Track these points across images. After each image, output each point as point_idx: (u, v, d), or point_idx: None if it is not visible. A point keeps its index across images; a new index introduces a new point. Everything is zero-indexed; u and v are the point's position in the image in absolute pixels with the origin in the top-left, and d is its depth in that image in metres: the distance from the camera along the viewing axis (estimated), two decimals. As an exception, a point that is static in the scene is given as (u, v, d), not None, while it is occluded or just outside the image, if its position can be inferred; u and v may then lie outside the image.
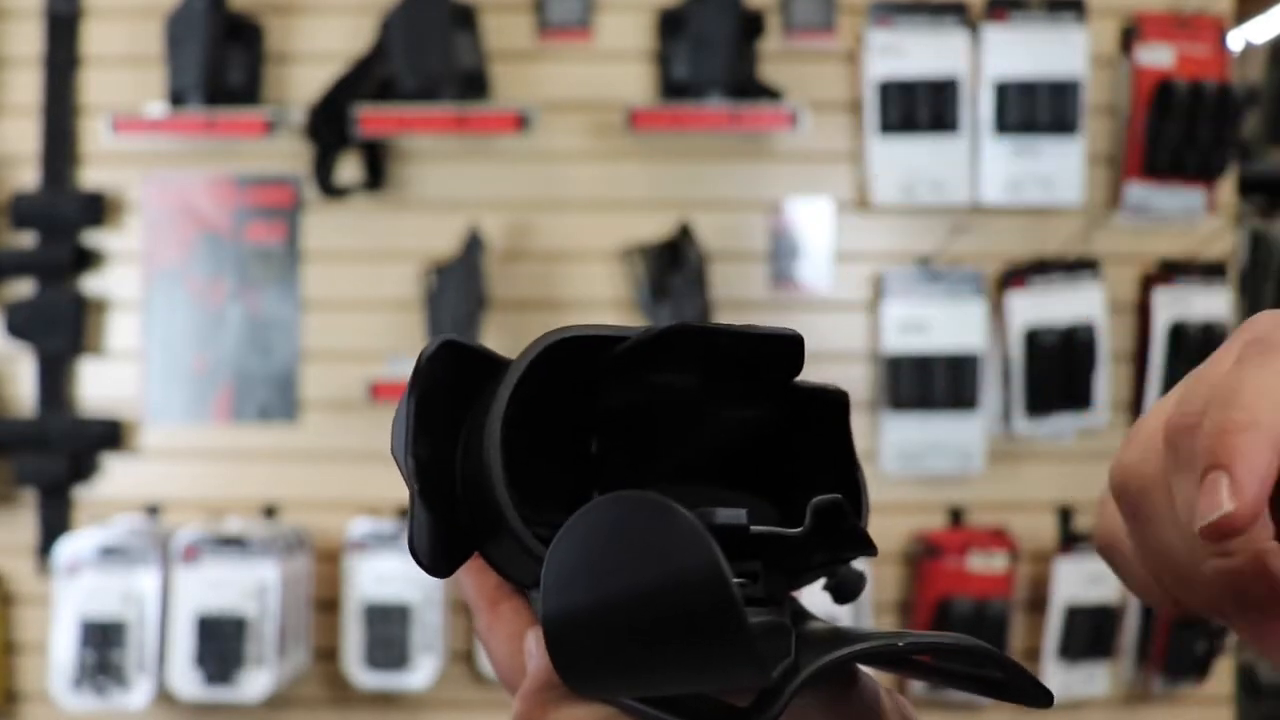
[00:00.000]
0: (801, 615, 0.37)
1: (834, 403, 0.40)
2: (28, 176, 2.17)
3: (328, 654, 2.10)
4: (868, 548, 0.38)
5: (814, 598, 0.42)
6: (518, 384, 0.36)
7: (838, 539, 0.37)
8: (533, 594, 0.39)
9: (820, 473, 0.41)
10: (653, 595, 0.30)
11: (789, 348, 0.38)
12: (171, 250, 2.17)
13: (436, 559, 0.37)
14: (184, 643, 1.96)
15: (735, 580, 0.31)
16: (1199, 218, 2.13)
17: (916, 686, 2.08)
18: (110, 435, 2.14)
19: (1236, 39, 2.74)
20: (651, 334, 0.37)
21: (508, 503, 0.36)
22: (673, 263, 2.05)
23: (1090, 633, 2.08)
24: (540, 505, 0.38)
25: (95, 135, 2.14)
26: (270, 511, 2.14)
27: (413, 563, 0.37)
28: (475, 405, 0.38)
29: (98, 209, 2.14)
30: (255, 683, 1.95)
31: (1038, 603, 2.12)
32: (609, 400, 0.39)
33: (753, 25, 2.04)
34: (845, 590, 0.40)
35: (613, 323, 0.38)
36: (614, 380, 0.38)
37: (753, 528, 0.36)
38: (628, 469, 0.41)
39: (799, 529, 0.36)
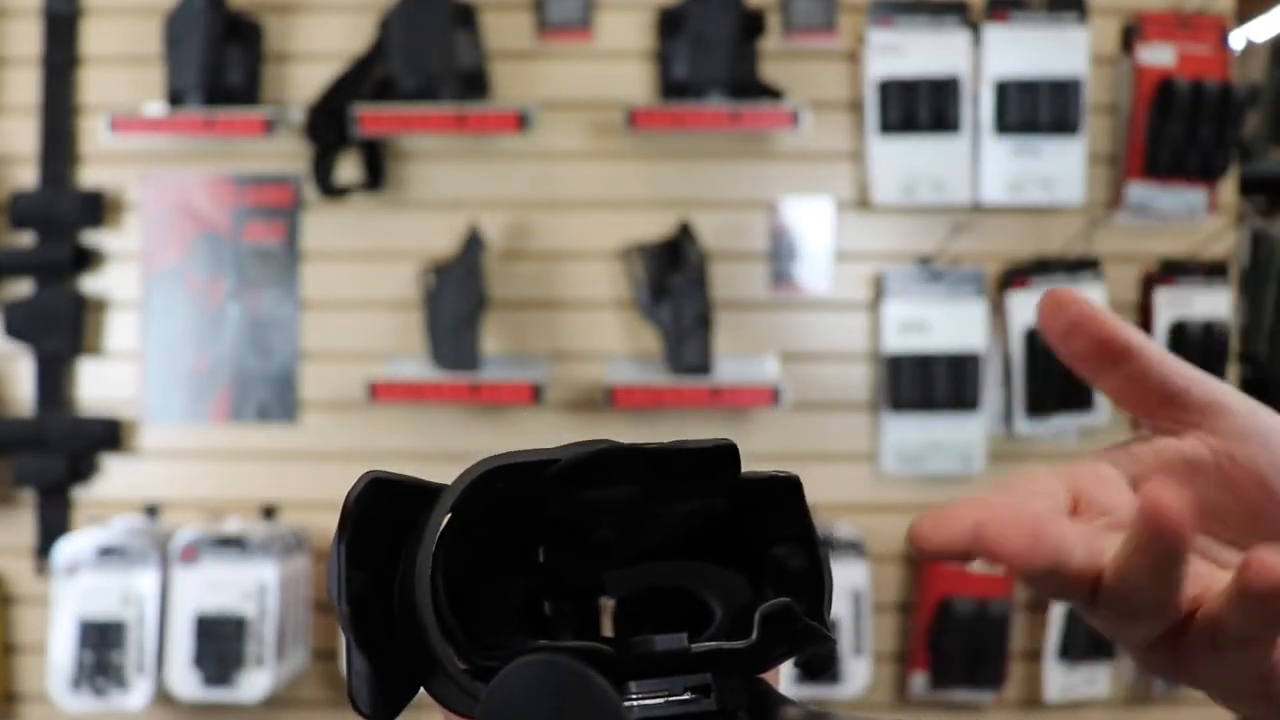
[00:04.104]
0: (765, 708, 0.37)
1: (788, 486, 0.40)
2: (27, 176, 2.17)
3: (327, 654, 2.10)
4: (824, 641, 0.38)
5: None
6: (446, 522, 0.36)
7: (789, 638, 0.37)
8: None
9: (783, 541, 0.41)
10: None
11: (725, 456, 0.38)
12: (170, 250, 2.16)
13: (378, 707, 0.37)
14: (183, 643, 1.96)
15: (682, 697, 0.34)
16: (1200, 217, 2.13)
17: (917, 686, 2.07)
18: (109, 435, 2.13)
19: (1238, 38, 2.74)
20: (579, 458, 0.37)
21: (442, 646, 0.36)
22: (673, 262, 2.04)
23: (1091, 633, 2.08)
24: (491, 625, 0.38)
25: (94, 135, 2.14)
26: (269, 512, 2.13)
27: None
28: (410, 538, 0.38)
29: (96, 209, 2.14)
30: (254, 683, 1.95)
31: (1038, 603, 2.12)
32: (551, 513, 0.40)
33: (753, 25, 2.03)
34: (815, 665, 0.40)
35: (541, 446, 0.38)
36: (552, 498, 0.39)
37: (694, 647, 0.36)
38: (578, 570, 0.41)
39: (745, 641, 0.37)
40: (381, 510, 0.37)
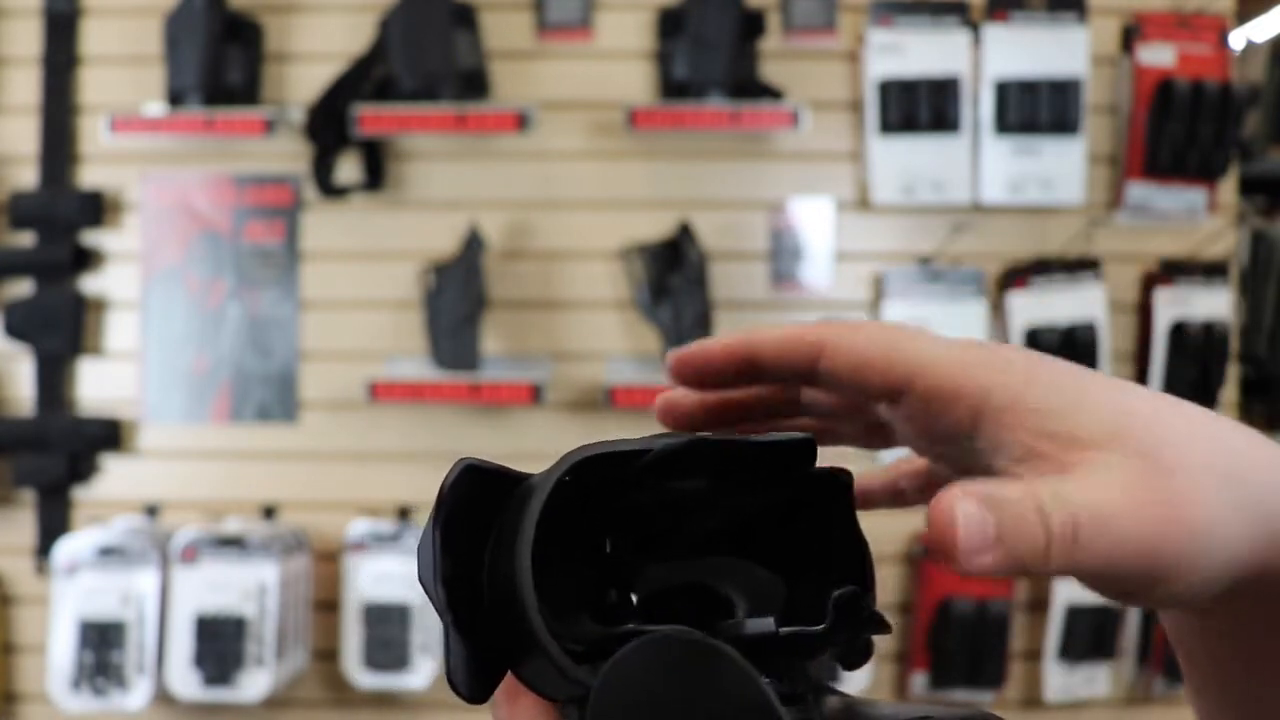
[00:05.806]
0: (818, 695, 0.38)
1: (839, 483, 0.41)
2: (26, 176, 2.17)
3: (327, 654, 2.10)
4: (883, 628, 0.39)
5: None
6: (544, 507, 0.37)
7: (855, 624, 0.38)
8: (565, 707, 0.39)
9: (824, 544, 0.42)
10: None
11: (804, 450, 0.40)
12: (170, 250, 2.16)
13: (476, 688, 0.38)
14: (183, 643, 1.96)
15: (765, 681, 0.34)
16: (1200, 217, 2.13)
17: (917, 684, 2.07)
18: (109, 435, 2.13)
19: (1238, 38, 2.74)
20: (669, 449, 0.38)
21: (544, 632, 0.36)
22: (673, 262, 2.04)
23: (1091, 633, 2.08)
24: (561, 611, 0.39)
25: (94, 135, 2.14)
26: (269, 512, 2.13)
27: (411, 562, 0.37)
28: (496, 523, 0.39)
29: (96, 208, 2.14)
30: (254, 683, 1.95)
31: (1038, 603, 2.12)
32: (623, 503, 0.40)
33: (753, 25, 2.03)
34: (854, 657, 0.41)
35: (631, 435, 0.39)
36: (629, 487, 0.39)
37: (780, 630, 0.37)
38: (639, 557, 0.42)
39: (821, 625, 0.37)
40: (471, 497, 0.38)
